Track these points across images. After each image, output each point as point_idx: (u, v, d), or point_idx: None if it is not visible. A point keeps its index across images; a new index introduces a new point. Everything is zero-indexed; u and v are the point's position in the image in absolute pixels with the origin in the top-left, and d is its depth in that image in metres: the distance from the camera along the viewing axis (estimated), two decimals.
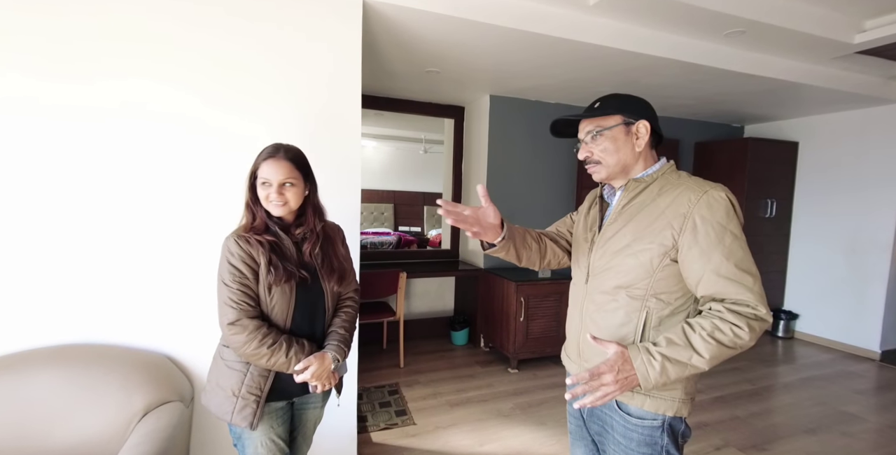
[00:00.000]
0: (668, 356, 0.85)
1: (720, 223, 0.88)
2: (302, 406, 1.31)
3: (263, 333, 1.11)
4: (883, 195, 3.58)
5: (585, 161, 1.04)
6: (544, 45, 2.35)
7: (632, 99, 1.03)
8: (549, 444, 2.23)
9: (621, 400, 0.98)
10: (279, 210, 1.16)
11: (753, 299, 0.85)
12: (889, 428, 2.52)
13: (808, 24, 2.36)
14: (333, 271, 1.25)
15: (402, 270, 3.15)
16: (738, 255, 0.87)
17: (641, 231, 0.95)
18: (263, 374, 1.16)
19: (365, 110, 3.66)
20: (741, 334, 0.84)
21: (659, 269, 0.93)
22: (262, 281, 1.14)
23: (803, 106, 3.69)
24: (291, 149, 1.20)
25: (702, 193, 0.90)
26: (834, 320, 3.91)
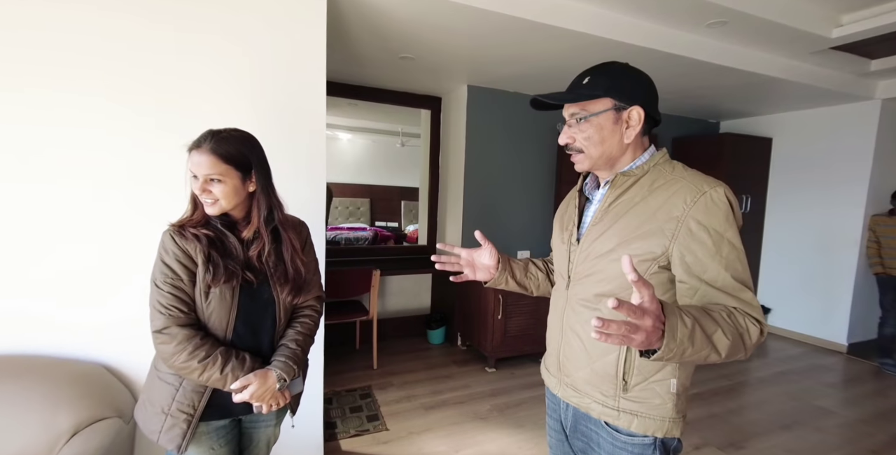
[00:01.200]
0: (699, 320, 0.67)
1: (717, 230, 0.77)
2: (251, 425, 1.16)
3: (195, 344, 0.96)
4: (851, 192, 3.64)
5: (566, 147, 0.91)
6: (522, 29, 2.24)
7: (628, 75, 0.87)
8: (527, 447, 2.14)
9: (607, 419, 0.88)
10: (210, 209, 1.01)
11: (756, 314, 0.76)
12: (859, 422, 2.54)
13: (788, 16, 2.33)
14: (288, 281, 1.08)
15: (375, 268, 3.01)
16: (736, 267, 0.78)
17: (629, 234, 0.83)
18: (198, 390, 1.01)
19: (337, 99, 3.49)
20: (752, 331, 0.73)
21: (646, 276, 0.82)
22: (199, 283, 0.99)
23: (778, 102, 3.70)
24: (226, 137, 1.01)
25: (699, 194, 0.79)
26: (804, 314, 3.97)
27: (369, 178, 7.32)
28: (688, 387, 0.88)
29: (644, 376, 0.84)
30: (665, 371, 0.84)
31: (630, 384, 0.85)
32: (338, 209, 7.02)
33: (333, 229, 6.20)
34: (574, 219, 0.96)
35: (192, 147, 1.01)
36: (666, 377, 0.84)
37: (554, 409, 1.04)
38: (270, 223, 1.08)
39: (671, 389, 0.84)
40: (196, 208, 1.04)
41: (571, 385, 0.94)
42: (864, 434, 2.40)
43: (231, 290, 1.01)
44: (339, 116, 6.09)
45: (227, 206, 1.02)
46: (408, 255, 3.93)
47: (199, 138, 1.01)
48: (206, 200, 1.00)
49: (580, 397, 0.92)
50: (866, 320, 3.71)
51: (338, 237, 5.88)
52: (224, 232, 1.04)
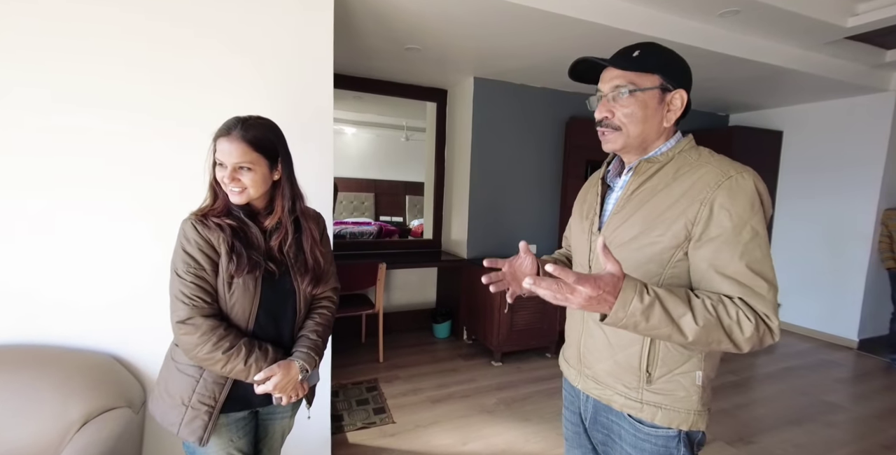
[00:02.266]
0: (662, 299, 0.68)
1: (740, 215, 0.73)
2: (268, 416, 1.16)
3: (219, 335, 0.95)
4: (864, 185, 3.59)
5: (601, 122, 0.86)
6: (529, 18, 2.20)
7: (675, 58, 0.84)
8: (534, 441, 2.14)
9: (630, 411, 0.86)
10: (237, 197, 1.00)
11: (764, 308, 0.71)
12: (870, 417, 2.52)
13: (802, 4, 2.28)
14: (308, 271, 1.09)
15: (381, 261, 3.01)
16: (755, 255, 0.73)
17: (652, 221, 0.80)
18: (219, 381, 1.00)
19: (343, 92, 3.47)
20: (745, 326, 0.69)
21: (670, 265, 0.79)
22: (221, 273, 0.98)
23: (790, 94, 3.64)
24: (254, 125, 1.01)
25: (725, 178, 0.75)
26: (814, 309, 3.93)
27: (374, 173, 7.30)
28: (712, 378, 0.86)
29: (669, 368, 0.83)
30: (691, 363, 0.82)
31: (654, 376, 0.83)
32: (342, 204, 7.02)
33: (338, 223, 6.20)
34: (595, 207, 0.93)
35: (219, 134, 0.99)
36: (691, 369, 0.82)
37: (572, 401, 1.03)
38: (293, 213, 1.08)
39: (696, 382, 0.82)
40: (217, 197, 1.03)
41: (593, 377, 0.92)
42: (875, 429, 2.37)
43: (254, 280, 1.00)
44: (345, 110, 6.06)
45: (255, 194, 1.01)
46: (413, 249, 3.92)
47: (227, 125, 0.99)
48: (234, 189, 0.98)
49: (602, 389, 0.91)
50: (878, 316, 3.67)
51: (343, 231, 5.89)
52: (246, 222, 1.03)
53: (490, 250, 3.54)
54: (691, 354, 0.82)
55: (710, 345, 0.71)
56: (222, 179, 0.99)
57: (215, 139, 0.99)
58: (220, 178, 0.99)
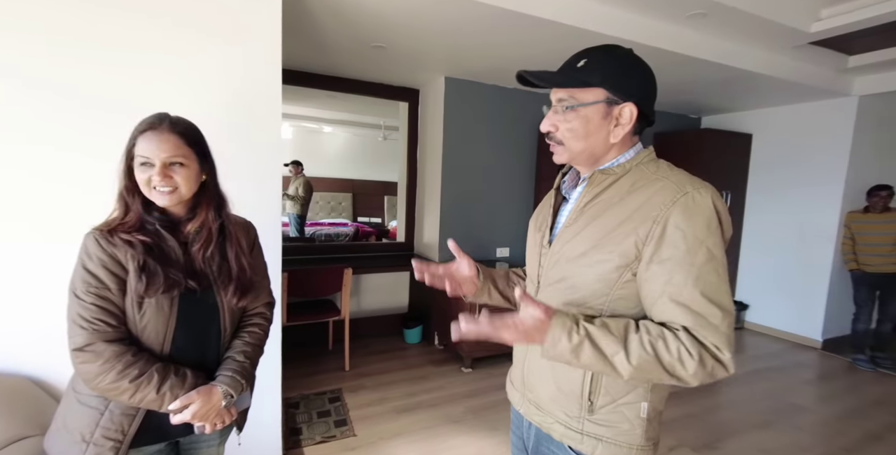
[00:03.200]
0: (593, 337, 0.67)
1: (696, 235, 0.68)
2: (191, 445, 1.05)
3: (126, 362, 0.85)
4: (828, 188, 3.65)
5: (547, 135, 0.82)
6: (498, 18, 2.14)
7: (628, 66, 0.76)
8: (500, 451, 2.08)
9: (570, 442, 0.80)
10: (166, 199, 0.90)
11: (715, 338, 0.66)
12: (834, 419, 2.54)
13: (767, 8, 2.28)
14: (231, 280, 0.99)
15: (347, 266, 2.90)
16: (710, 281, 0.68)
17: (603, 237, 0.75)
18: (129, 413, 0.90)
19: (313, 91, 3.36)
20: (686, 362, 0.65)
21: (618, 286, 0.74)
22: (130, 292, 0.88)
23: (758, 97, 3.68)
24: (180, 119, 0.94)
25: (680, 195, 0.70)
26: (781, 310, 3.99)
27: (351, 173, 7.17)
28: (661, 411, 0.81)
29: (612, 398, 0.77)
30: (636, 393, 0.76)
31: (596, 405, 0.77)
32: (318, 204, 6.86)
33: (313, 224, 6.06)
34: (548, 220, 0.88)
35: (144, 128, 0.89)
36: (637, 400, 0.76)
37: (518, 426, 0.97)
38: (218, 218, 0.99)
39: (641, 414, 0.77)
40: (128, 209, 0.92)
41: (534, 402, 0.87)
42: (837, 432, 2.39)
43: (170, 299, 0.91)
44: (319, 108, 5.93)
45: (187, 194, 0.93)
46: (385, 252, 3.83)
47: (153, 119, 0.91)
48: (163, 189, 0.89)
49: (542, 416, 0.85)
50: (840, 316, 3.74)
51: (317, 233, 5.75)
52: (162, 235, 0.93)
53: None
54: (634, 386, 0.76)
55: (652, 381, 0.67)
56: (147, 180, 0.89)
57: (138, 135, 0.89)
58: (145, 179, 0.89)
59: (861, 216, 3.33)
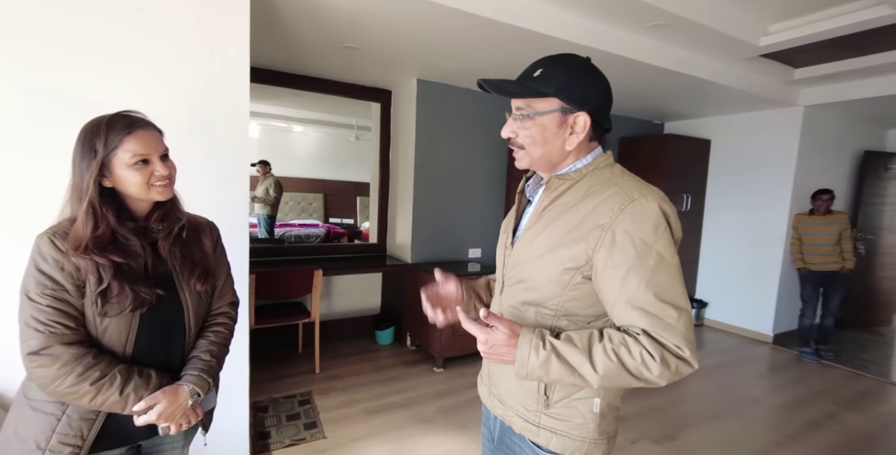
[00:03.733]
0: (559, 351, 0.70)
1: (644, 240, 0.71)
2: (153, 449, 1.03)
3: (86, 364, 0.83)
4: (778, 192, 3.89)
5: (509, 141, 0.84)
6: (469, 23, 2.18)
7: (583, 76, 0.79)
8: (469, 450, 2.11)
9: (527, 435, 0.84)
10: (167, 192, 0.93)
11: (675, 338, 0.69)
12: (782, 408, 2.71)
13: (721, 22, 2.41)
14: (195, 267, 0.99)
15: (317, 268, 2.88)
16: (662, 282, 0.70)
17: (557, 241, 0.78)
18: (88, 417, 0.87)
19: (282, 90, 3.31)
20: (650, 365, 0.68)
21: (570, 287, 0.77)
22: (90, 294, 0.85)
23: (715, 105, 3.88)
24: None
25: (628, 202, 0.73)
26: (737, 307, 4.22)
27: (323, 173, 7.06)
28: (617, 407, 0.85)
29: (567, 393, 0.81)
30: (589, 389, 0.80)
31: (552, 400, 0.81)
32: (288, 204, 6.73)
33: (283, 226, 5.95)
34: (513, 222, 0.92)
35: (130, 129, 0.88)
36: (590, 395, 0.80)
37: (487, 417, 1.01)
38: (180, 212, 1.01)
39: (594, 409, 0.81)
40: (97, 221, 0.86)
41: (498, 396, 0.91)
42: (783, 420, 2.56)
43: None
44: (290, 107, 5.83)
45: (174, 186, 0.96)
46: (357, 254, 3.81)
47: (134, 117, 0.91)
48: (163, 183, 0.92)
49: (504, 409, 0.89)
50: (790, 312, 3.99)
51: (287, 234, 5.64)
52: (130, 241, 0.91)
53: (434, 254, 3.50)
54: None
55: (622, 387, 0.71)
56: (147, 179, 0.89)
57: (125, 136, 0.87)
58: (143, 178, 0.89)
59: (807, 218, 3.57)
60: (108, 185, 0.89)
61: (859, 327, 4.45)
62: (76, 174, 0.87)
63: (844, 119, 4.11)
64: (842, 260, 3.43)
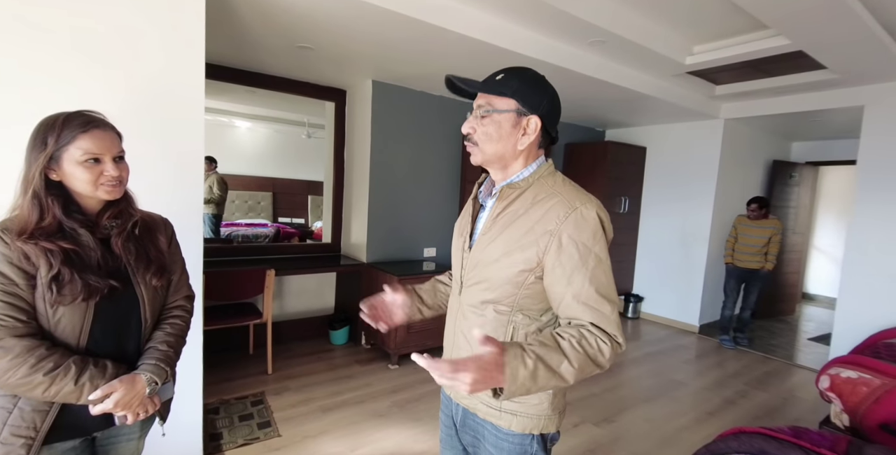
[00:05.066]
0: (542, 357, 0.75)
1: (585, 244, 0.82)
2: (108, 441, 1.03)
3: (39, 356, 0.83)
4: (703, 196, 4.30)
5: (466, 137, 0.92)
6: (422, 31, 2.27)
7: (537, 85, 0.89)
8: (423, 440, 2.20)
9: (490, 419, 0.94)
10: (116, 192, 0.94)
11: (612, 328, 0.81)
12: (704, 389, 3.03)
13: (653, 41, 2.66)
14: (150, 264, 1.01)
15: (269, 267, 2.85)
16: (601, 280, 0.83)
17: (512, 245, 0.87)
18: (41, 409, 0.87)
19: (233, 86, 3.23)
20: (604, 350, 0.79)
21: (524, 287, 0.88)
22: (41, 287, 0.86)
23: (650, 115, 4.23)
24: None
25: (571, 210, 0.83)
26: (669, 301, 4.61)
27: (272, 171, 6.85)
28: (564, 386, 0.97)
29: None
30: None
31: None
32: (234, 203, 6.47)
33: (229, 225, 5.72)
34: (468, 226, 0.99)
35: (86, 127, 0.89)
36: None
37: (447, 405, 1.09)
38: (133, 208, 1.02)
39: None
40: (42, 212, 0.88)
41: None
42: (704, 400, 2.86)
43: None
44: (237, 103, 5.62)
45: (124, 187, 0.97)
46: (310, 254, 3.77)
47: (91, 116, 0.92)
48: (115, 183, 0.93)
49: (469, 399, 0.97)
50: (713, 305, 4.42)
51: (233, 234, 5.44)
52: (79, 233, 0.91)
53: (390, 254, 3.55)
54: None
55: (582, 378, 0.79)
56: (97, 176, 0.90)
57: (79, 133, 0.88)
58: (92, 176, 0.90)
59: (745, 220, 3.97)
60: (55, 178, 0.90)
61: (769, 317, 5.01)
62: (25, 165, 0.89)
63: (757, 132, 4.62)
64: (764, 261, 3.86)
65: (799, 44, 2.46)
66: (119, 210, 0.98)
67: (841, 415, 2.04)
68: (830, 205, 6.00)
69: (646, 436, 2.38)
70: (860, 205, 3.29)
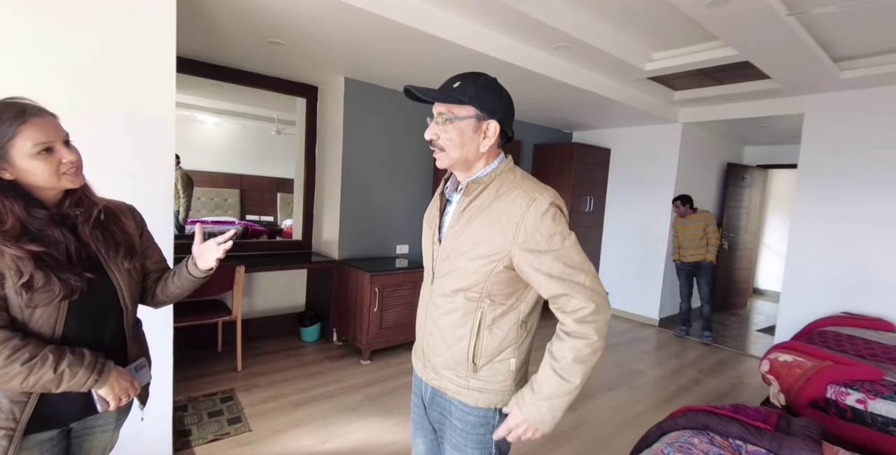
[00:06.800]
0: (549, 397, 0.91)
1: (548, 227, 0.90)
2: (84, 432, 1.03)
3: (13, 347, 0.82)
4: (662, 196, 4.53)
5: (431, 142, 0.98)
6: (393, 30, 2.32)
7: (492, 90, 0.95)
8: (394, 431, 2.25)
9: (459, 397, 1.01)
10: (80, 178, 0.92)
11: (587, 298, 0.89)
12: (661, 378, 3.21)
13: (614, 47, 2.81)
14: (119, 246, 0.99)
15: (239, 264, 2.82)
16: (569, 255, 0.90)
17: (479, 236, 0.94)
18: (19, 400, 0.87)
19: (200, 80, 3.18)
20: (596, 344, 0.90)
21: (493, 275, 0.94)
22: (12, 287, 0.84)
23: (614, 118, 4.42)
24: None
25: (531, 201, 0.91)
26: (631, 296, 4.83)
27: (239, 167, 6.67)
28: (526, 362, 1.05)
29: (489, 358, 0.99)
30: (506, 353, 0.99)
31: (479, 366, 0.99)
32: (200, 200, 6.28)
33: (194, 222, 5.57)
34: (436, 220, 1.05)
35: (24, 118, 0.83)
36: (507, 357, 0.99)
37: (418, 387, 1.16)
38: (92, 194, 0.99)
39: (511, 367, 1.00)
40: (4, 215, 0.84)
41: (433, 369, 1.05)
42: (661, 387, 3.04)
43: None
44: (203, 97, 5.45)
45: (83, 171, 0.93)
46: (281, 251, 3.75)
47: (25, 104, 0.86)
48: (72, 172, 0.89)
49: (439, 379, 1.04)
50: (672, 299, 4.67)
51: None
52: (47, 234, 0.89)
53: (362, 250, 3.57)
54: (504, 347, 0.99)
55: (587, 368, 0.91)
56: (56, 166, 0.86)
57: (19, 126, 0.83)
58: (52, 167, 0.86)
59: (680, 219, 4.21)
60: (8, 177, 0.85)
61: (723, 310, 5.33)
62: None
63: (713, 136, 4.91)
64: (706, 252, 4.11)
65: (745, 55, 2.65)
66: (78, 197, 0.95)
67: (778, 395, 2.23)
68: (779, 205, 6.43)
69: (607, 421, 2.52)
70: (800, 205, 3.57)
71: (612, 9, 2.42)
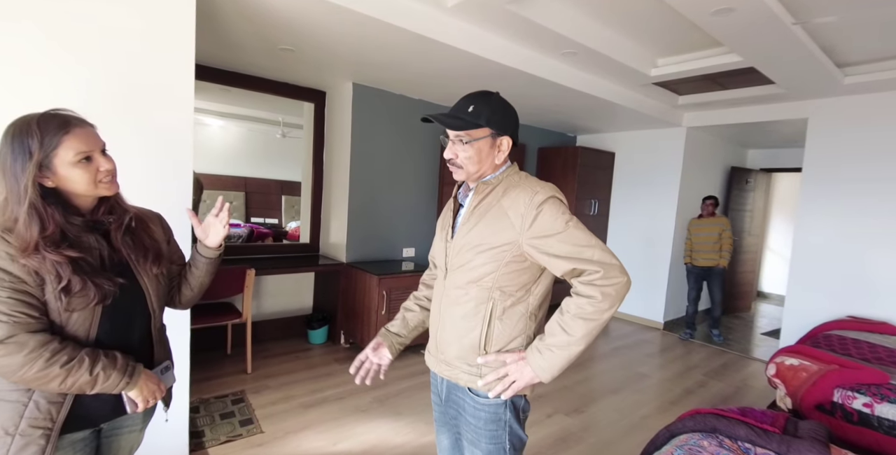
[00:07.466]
0: (550, 345, 0.98)
1: (551, 214, 0.98)
2: (113, 432, 1.06)
3: (53, 350, 0.85)
4: (667, 199, 4.56)
5: (449, 160, 1.07)
6: (404, 38, 2.36)
7: (502, 109, 1.05)
8: (404, 432, 2.28)
9: (471, 385, 1.06)
10: (113, 187, 0.96)
11: (597, 267, 0.96)
12: (666, 381, 3.23)
13: (620, 53, 2.84)
14: (148, 252, 1.03)
15: (249, 267, 2.86)
16: (575, 235, 0.97)
17: (489, 229, 1.02)
18: (55, 400, 0.90)
19: (208, 84, 3.22)
20: (600, 305, 0.95)
21: (503, 263, 1.02)
22: (51, 291, 0.88)
23: (618, 122, 4.45)
24: None
25: (533, 195, 1.00)
26: (635, 299, 4.84)
27: (245, 170, 6.73)
28: None
29: (500, 346, 1.05)
30: (516, 341, 1.05)
31: (490, 353, 1.05)
32: (206, 203, 6.34)
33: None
34: (450, 220, 1.14)
35: (67, 128, 0.87)
36: (517, 346, 1.06)
37: (435, 385, 1.21)
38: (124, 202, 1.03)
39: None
40: (43, 222, 0.87)
41: (445, 361, 1.11)
42: (666, 390, 3.06)
43: None
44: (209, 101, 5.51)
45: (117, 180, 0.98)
46: (288, 254, 3.78)
47: (67, 116, 0.90)
48: (107, 180, 0.94)
49: (451, 370, 1.10)
50: (676, 302, 4.68)
51: None
52: (82, 238, 0.93)
53: (369, 254, 3.61)
54: (514, 336, 1.05)
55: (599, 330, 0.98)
56: (94, 174, 0.90)
57: (63, 136, 0.87)
58: (90, 175, 0.90)
59: (696, 221, 4.24)
60: (50, 185, 0.89)
61: (727, 313, 5.34)
62: (9, 177, 0.85)
63: (717, 139, 4.93)
64: (718, 258, 4.13)
65: (750, 61, 2.68)
66: (111, 205, 0.99)
67: (785, 398, 2.25)
68: (782, 209, 6.44)
69: (613, 424, 2.54)
70: (804, 209, 3.59)
71: (619, 16, 2.46)
